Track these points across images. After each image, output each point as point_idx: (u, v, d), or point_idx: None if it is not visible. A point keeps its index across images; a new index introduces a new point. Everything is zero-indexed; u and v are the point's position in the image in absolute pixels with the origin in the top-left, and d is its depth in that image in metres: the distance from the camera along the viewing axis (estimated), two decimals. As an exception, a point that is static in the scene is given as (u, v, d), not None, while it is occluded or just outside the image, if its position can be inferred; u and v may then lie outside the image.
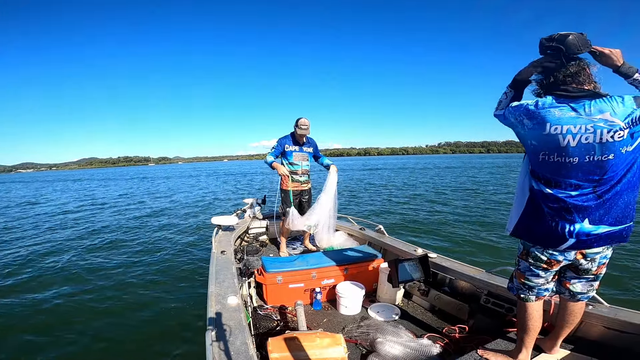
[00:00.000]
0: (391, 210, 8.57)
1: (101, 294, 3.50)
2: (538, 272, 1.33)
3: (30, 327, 2.83)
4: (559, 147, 1.13)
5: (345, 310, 2.31)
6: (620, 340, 1.53)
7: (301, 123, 2.99)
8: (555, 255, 1.26)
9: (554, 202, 1.19)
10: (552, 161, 1.16)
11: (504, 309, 2.01)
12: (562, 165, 1.14)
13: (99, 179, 31.40)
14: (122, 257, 4.80)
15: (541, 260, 1.30)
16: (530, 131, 1.20)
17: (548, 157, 1.16)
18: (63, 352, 2.51)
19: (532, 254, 1.31)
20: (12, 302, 3.31)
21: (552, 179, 1.18)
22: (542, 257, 1.29)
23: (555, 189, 1.18)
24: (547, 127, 1.13)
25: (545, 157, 1.17)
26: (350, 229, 3.52)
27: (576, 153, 1.10)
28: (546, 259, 1.28)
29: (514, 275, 1.46)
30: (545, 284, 1.36)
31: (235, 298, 1.65)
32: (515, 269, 1.44)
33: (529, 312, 1.40)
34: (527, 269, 1.36)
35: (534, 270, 1.34)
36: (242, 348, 1.26)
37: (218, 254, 2.37)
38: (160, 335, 2.72)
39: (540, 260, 1.30)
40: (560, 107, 1.12)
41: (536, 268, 1.33)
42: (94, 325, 2.87)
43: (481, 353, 1.57)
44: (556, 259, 1.27)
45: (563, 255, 1.26)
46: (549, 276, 1.34)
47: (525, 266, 1.37)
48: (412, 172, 24.32)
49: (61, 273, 4.12)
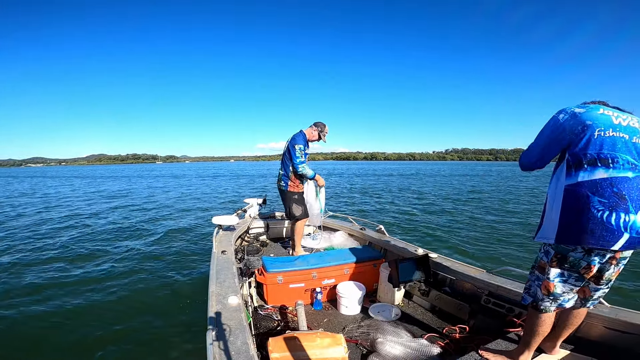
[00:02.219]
0: (392, 210, 8.57)
1: (100, 293, 3.51)
2: (572, 280, 1.26)
3: (31, 328, 2.84)
4: (612, 123, 1.17)
5: (345, 310, 2.31)
6: (620, 341, 1.53)
7: (327, 131, 3.07)
8: (594, 260, 1.18)
9: (608, 188, 1.12)
10: (608, 136, 1.15)
11: (504, 309, 2.01)
12: (617, 139, 1.15)
13: (118, 177, 30.58)
14: (122, 256, 4.80)
15: (579, 266, 1.21)
16: (585, 113, 1.22)
17: (604, 133, 1.16)
18: (63, 352, 2.51)
19: (570, 258, 1.22)
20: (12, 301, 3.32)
21: (609, 156, 1.14)
22: (582, 263, 1.20)
23: (613, 167, 1.13)
24: (600, 110, 1.21)
25: (601, 132, 1.16)
26: (350, 229, 3.52)
27: (628, 130, 1.17)
28: (586, 264, 1.20)
29: (539, 286, 1.35)
30: (571, 293, 1.29)
31: (236, 298, 1.65)
32: (541, 279, 1.34)
33: (544, 319, 1.35)
34: (560, 277, 1.27)
35: (568, 278, 1.26)
36: (243, 348, 1.26)
37: (218, 254, 2.37)
38: (161, 335, 2.72)
39: (579, 266, 1.22)
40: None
41: (570, 276, 1.25)
42: (94, 324, 2.87)
43: (482, 353, 1.57)
44: (595, 263, 1.19)
45: (601, 259, 1.19)
46: (579, 284, 1.27)
47: (557, 274, 1.27)
48: (421, 179, 24.05)
49: (61, 272, 4.13)
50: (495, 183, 16.08)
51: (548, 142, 1.29)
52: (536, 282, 1.37)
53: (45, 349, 2.55)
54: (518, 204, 10.72)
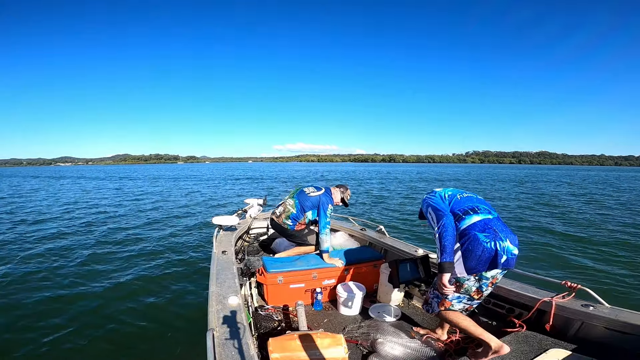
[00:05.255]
0: (392, 210, 8.56)
1: (100, 292, 3.51)
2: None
3: (30, 329, 2.84)
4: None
5: (345, 311, 2.31)
6: (621, 341, 1.53)
7: (350, 194, 3.07)
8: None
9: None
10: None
11: (504, 310, 2.01)
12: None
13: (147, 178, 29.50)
14: (122, 256, 4.81)
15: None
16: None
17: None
18: (63, 352, 2.52)
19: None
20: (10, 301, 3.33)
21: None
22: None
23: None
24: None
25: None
26: (351, 229, 3.51)
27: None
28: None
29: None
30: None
31: (236, 298, 1.66)
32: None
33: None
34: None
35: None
36: (243, 348, 1.26)
37: (219, 254, 2.38)
38: (161, 335, 2.73)
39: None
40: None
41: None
42: (93, 324, 2.88)
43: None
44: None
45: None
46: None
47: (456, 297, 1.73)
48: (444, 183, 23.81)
49: (60, 271, 4.13)
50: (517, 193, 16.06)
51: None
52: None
53: (45, 349, 2.55)
54: (518, 203, 10.71)
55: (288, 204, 2.89)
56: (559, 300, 1.75)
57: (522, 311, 1.91)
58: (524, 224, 7.50)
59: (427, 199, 1.75)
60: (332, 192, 2.94)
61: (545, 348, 1.60)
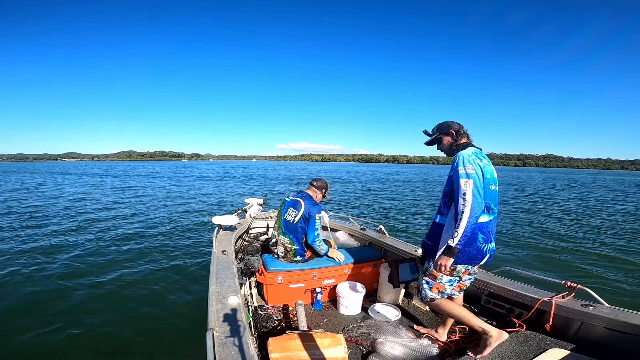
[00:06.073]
0: (392, 211, 8.56)
1: (101, 292, 3.51)
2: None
3: (30, 329, 2.84)
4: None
5: (345, 311, 2.31)
6: (621, 341, 1.53)
7: (323, 183, 2.74)
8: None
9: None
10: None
11: (504, 310, 2.01)
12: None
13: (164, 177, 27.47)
14: (122, 255, 4.81)
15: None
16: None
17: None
18: (63, 352, 2.52)
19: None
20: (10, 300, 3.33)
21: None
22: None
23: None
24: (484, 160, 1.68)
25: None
26: (351, 229, 3.51)
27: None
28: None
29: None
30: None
31: (236, 298, 1.66)
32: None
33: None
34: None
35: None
36: (243, 348, 1.26)
37: (219, 254, 2.38)
38: (161, 335, 2.72)
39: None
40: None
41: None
42: (93, 324, 2.87)
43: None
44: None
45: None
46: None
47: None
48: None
49: (60, 270, 4.13)
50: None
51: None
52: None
53: (45, 348, 2.55)
54: (518, 204, 10.70)
55: (285, 243, 2.58)
56: (558, 300, 1.75)
57: (522, 311, 1.91)
58: (524, 224, 7.50)
59: (470, 165, 1.52)
60: (311, 196, 2.67)
61: (545, 348, 1.60)
